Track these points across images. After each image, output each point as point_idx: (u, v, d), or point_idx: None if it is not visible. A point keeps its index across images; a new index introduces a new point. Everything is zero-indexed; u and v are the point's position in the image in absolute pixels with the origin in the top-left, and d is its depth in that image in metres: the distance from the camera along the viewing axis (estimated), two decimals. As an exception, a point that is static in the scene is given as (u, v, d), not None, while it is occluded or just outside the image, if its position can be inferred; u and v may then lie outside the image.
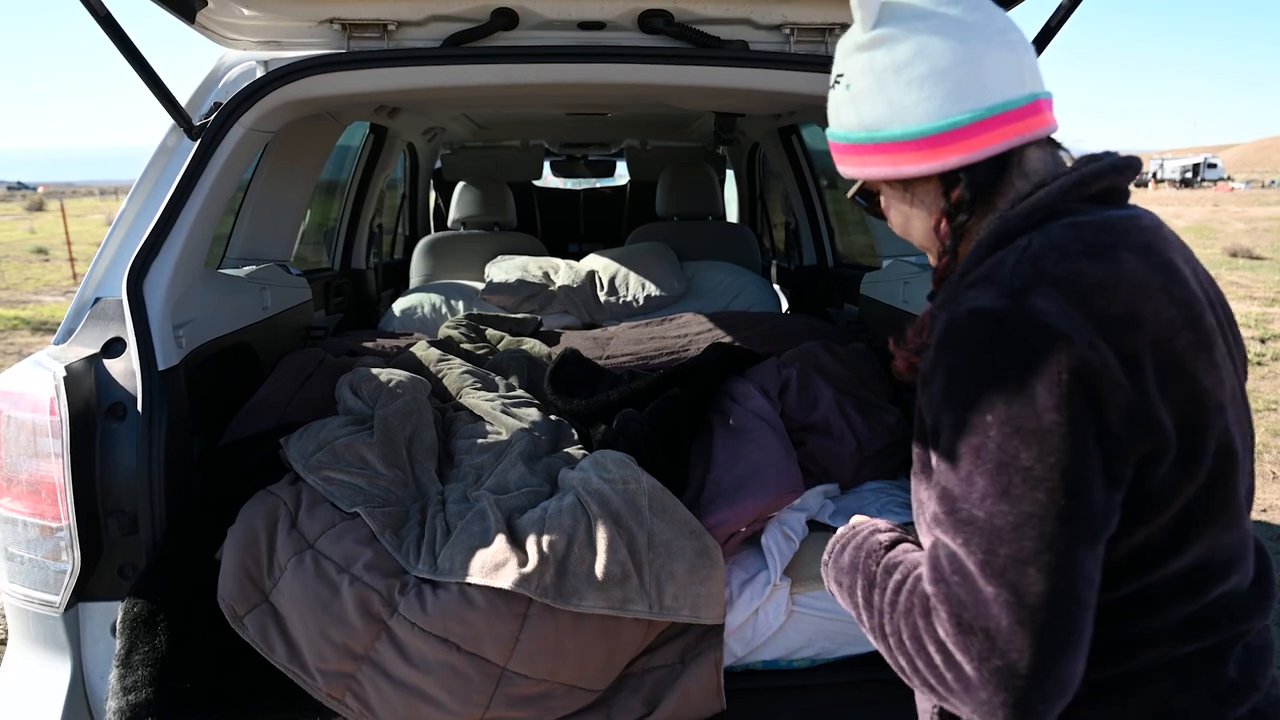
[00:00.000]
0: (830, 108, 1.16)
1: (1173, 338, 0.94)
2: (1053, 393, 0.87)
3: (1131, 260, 0.96)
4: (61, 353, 1.85)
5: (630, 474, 1.83)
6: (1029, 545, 0.86)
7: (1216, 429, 0.95)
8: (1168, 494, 0.93)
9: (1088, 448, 0.87)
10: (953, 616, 0.90)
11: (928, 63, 1.06)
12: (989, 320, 0.91)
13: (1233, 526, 0.99)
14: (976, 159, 1.06)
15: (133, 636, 1.69)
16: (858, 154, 1.13)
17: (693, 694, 1.72)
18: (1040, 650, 0.86)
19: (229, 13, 2.14)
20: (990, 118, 1.05)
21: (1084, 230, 0.98)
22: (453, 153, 5.72)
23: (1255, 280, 13.61)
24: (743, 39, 2.29)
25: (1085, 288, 0.92)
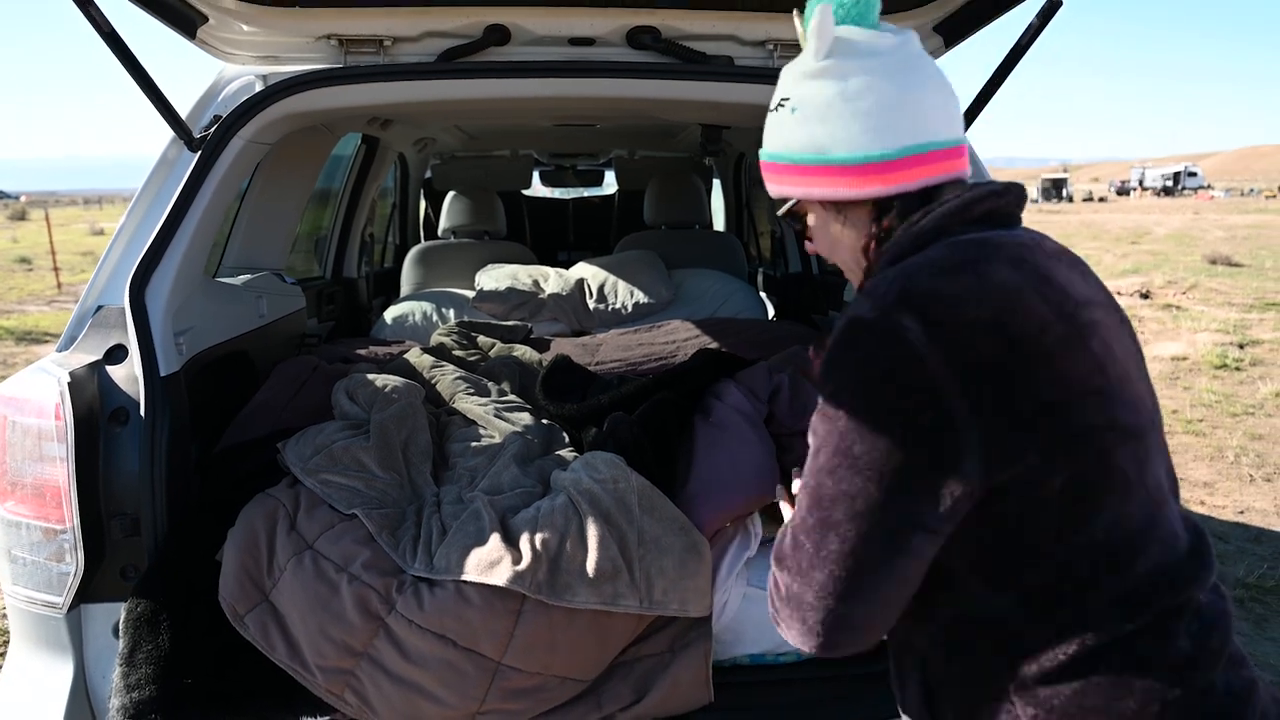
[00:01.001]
0: (770, 129, 1.25)
1: (1042, 333, 1.05)
2: (894, 401, 1.02)
3: (1000, 270, 1.08)
4: (65, 359, 1.89)
5: (620, 473, 1.89)
6: (838, 516, 1.06)
7: (1091, 410, 1.05)
8: (1045, 474, 1.03)
9: (914, 451, 1.02)
10: (777, 550, 1.15)
11: (875, 96, 1.16)
12: (857, 328, 1.07)
13: (1131, 498, 1.07)
14: (910, 189, 1.18)
15: (136, 636, 1.72)
16: (800, 174, 1.22)
17: (681, 683, 1.78)
18: (822, 594, 1.08)
19: (229, 29, 2.20)
20: (927, 153, 1.17)
21: (957, 248, 1.11)
22: (443, 162, 5.77)
23: (1234, 287, 13.78)
24: (728, 54, 2.36)
25: (948, 299, 1.05)
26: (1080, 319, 1.09)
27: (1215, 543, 4.37)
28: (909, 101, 1.17)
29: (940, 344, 1.02)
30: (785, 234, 4.49)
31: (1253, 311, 11.41)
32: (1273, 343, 9.40)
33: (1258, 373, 8.07)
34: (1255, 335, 9.78)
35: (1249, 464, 5.58)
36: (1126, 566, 1.06)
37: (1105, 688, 1.03)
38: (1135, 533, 1.07)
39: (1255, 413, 6.75)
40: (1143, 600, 1.05)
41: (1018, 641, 1.08)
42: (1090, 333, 1.09)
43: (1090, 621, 1.05)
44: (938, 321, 1.03)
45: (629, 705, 1.77)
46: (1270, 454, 5.77)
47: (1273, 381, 7.61)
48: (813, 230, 1.30)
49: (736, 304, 4.11)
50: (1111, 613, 1.05)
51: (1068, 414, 1.04)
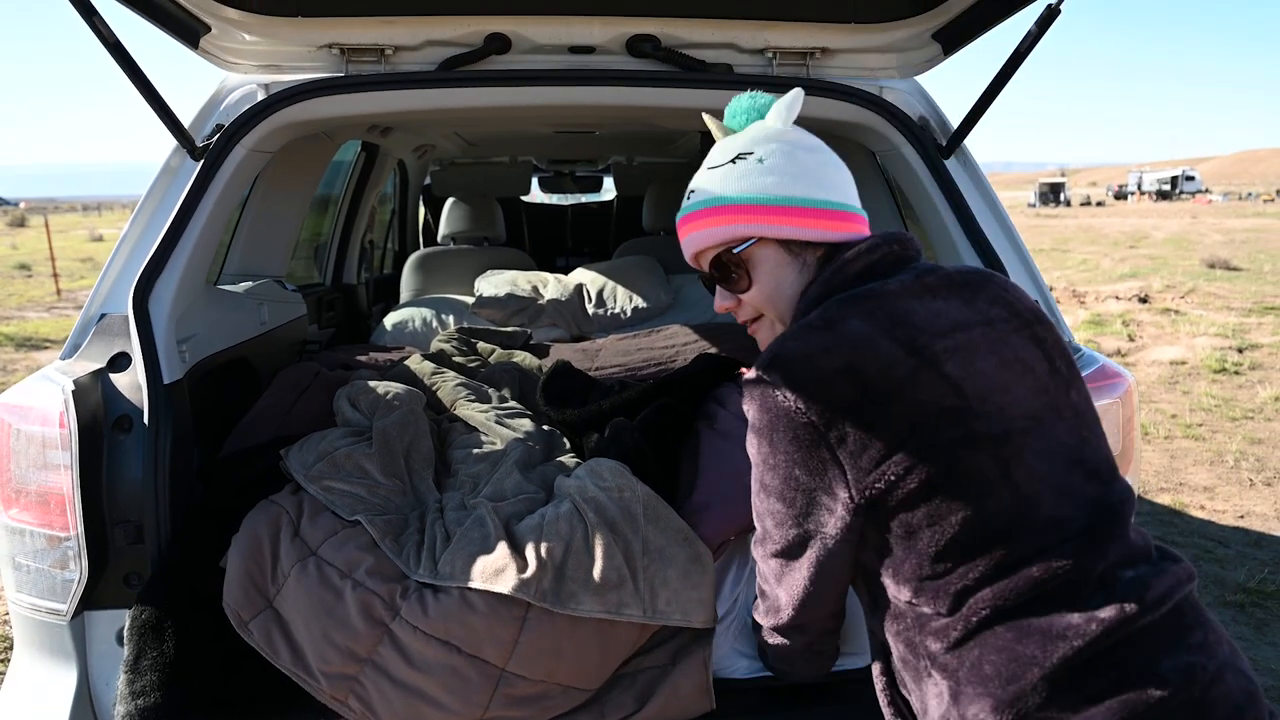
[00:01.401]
0: (727, 178, 1.44)
1: (892, 368, 1.25)
2: (779, 443, 1.29)
3: (853, 323, 1.29)
4: (69, 367, 1.90)
5: (625, 482, 1.89)
6: (767, 524, 1.39)
7: (943, 428, 1.24)
8: (902, 485, 1.23)
9: (802, 479, 1.29)
10: (755, 538, 1.46)
11: (823, 157, 1.46)
12: (747, 387, 1.33)
13: (992, 496, 1.22)
14: (850, 238, 1.43)
15: (141, 643, 1.73)
16: (769, 214, 1.41)
17: (682, 691, 1.78)
18: (775, 578, 1.44)
19: (231, 38, 2.21)
20: (855, 213, 1.46)
21: (827, 309, 1.33)
22: (442, 169, 5.79)
23: (1232, 291, 13.80)
24: (727, 62, 2.37)
25: (809, 354, 1.27)
26: (932, 349, 1.27)
27: (1215, 547, 4.38)
28: (841, 168, 1.47)
29: (802, 396, 1.25)
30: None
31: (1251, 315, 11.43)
32: (1271, 347, 9.41)
33: (1257, 377, 8.08)
34: (1254, 339, 9.80)
35: (1249, 468, 5.59)
36: (995, 553, 1.21)
37: (995, 656, 1.18)
38: (1003, 525, 1.22)
39: (1255, 417, 6.76)
40: (1029, 583, 1.19)
41: (925, 623, 1.26)
42: (944, 359, 1.27)
43: (971, 601, 1.21)
44: (797, 375, 1.26)
45: (631, 714, 1.77)
46: (1270, 458, 5.78)
47: (1272, 386, 7.62)
48: (760, 274, 1.45)
49: (735, 309, 4.11)
50: (989, 593, 1.20)
51: (918, 434, 1.23)
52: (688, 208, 1.50)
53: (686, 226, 1.50)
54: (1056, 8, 1.93)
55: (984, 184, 2.28)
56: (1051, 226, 36.41)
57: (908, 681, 1.32)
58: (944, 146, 2.27)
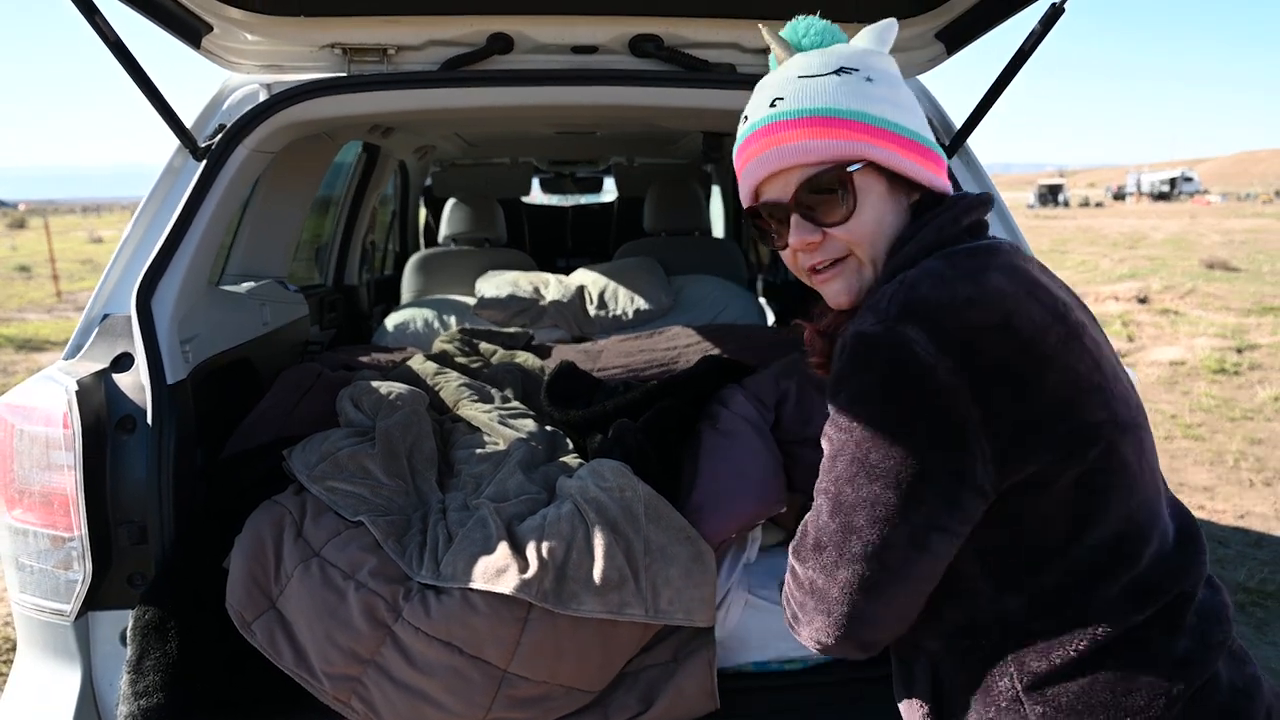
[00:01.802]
0: (827, 89, 1.20)
1: (1045, 334, 1.07)
2: (907, 411, 1.06)
3: (997, 278, 1.11)
4: (72, 367, 1.90)
5: (627, 482, 1.89)
6: (859, 522, 1.09)
7: (1096, 405, 1.08)
8: (1057, 473, 1.06)
9: (930, 457, 1.05)
10: (798, 547, 1.18)
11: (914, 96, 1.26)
12: (866, 343, 1.08)
13: (1136, 490, 1.10)
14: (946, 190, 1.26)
15: (144, 643, 1.73)
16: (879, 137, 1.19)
17: (686, 692, 1.78)
18: (848, 591, 1.11)
19: (233, 38, 2.21)
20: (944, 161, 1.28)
21: (954, 259, 1.14)
22: (443, 170, 5.79)
23: (1231, 291, 13.81)
24: (730, 62, 2.37)
25: (953, 308, 1.07)
26: (1071, 319, 1.12)
27: (1215, 547, 4.38)
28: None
29: (948, 352, 1.04)
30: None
31: (1250, 316, 11.44)
32: (1271, 347, 9.42)
33: (1256, 377, 8.09)
34: (1253, 340, 9.80)
35: (1248, 468, 5.59)
36: (1133, 559, 1.09)
37: (1112, 683, 1.05)
38: (1141, 524, 1.10)
39: (1254, 417, 6.76)
40: (1146, 592, 1.08)
41: (1027, 641, 1.09)
42: (1081, 332, 1.12)
43: (1098, 616, 1.07)
44: (943, 329, 1.05)
45: (635, 716, 1.77)
46: (1269, 458, 5.79)
47: (1271, 386, 7.63)
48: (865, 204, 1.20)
49: (736, 310, 4.12)
50: (1119, 606, 1.07)
51: (1075, 412, 1.07)
52: (780, 114, 1.21)
53: (769, 138, 1.21)
54: (1060, 7, 1.93)
55: (987, 183, 2.28)
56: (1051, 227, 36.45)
57: (966, 705, 1.15)
58: (947, 146, 2.27)
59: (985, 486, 1.06)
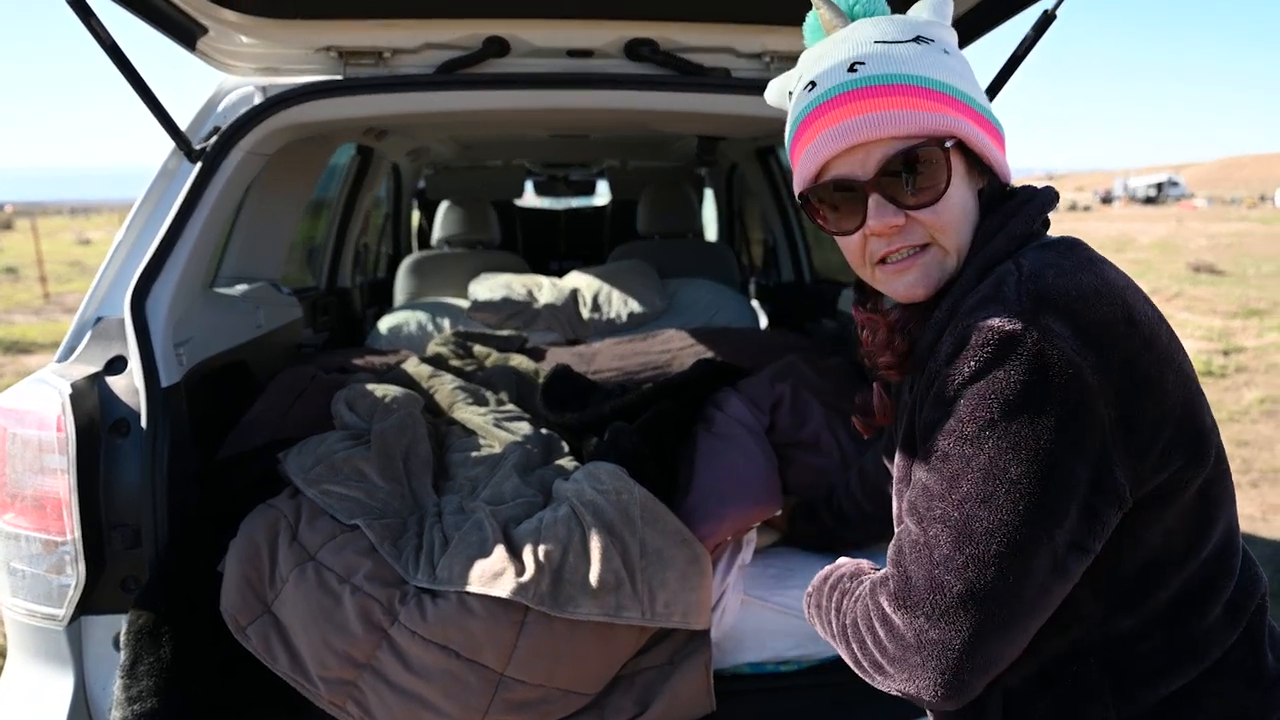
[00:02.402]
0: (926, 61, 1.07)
1: (1158, 331, 0.99)
2: (1054, 415, 0.92)
3: (1107, 269, 1.02)
4: (65, 370, 1.89)
5: (623, 485, 1.89)
6: (995, 549, 0.93)
7: (1204, 409, 1.01)
8: (1187, 479, 0.98)
9: (1074, 467, 0.93)
10: (900, 594, 1.00)
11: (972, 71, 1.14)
12: (1001, 339, 0.94)
13: (1233, 501, 1.05)
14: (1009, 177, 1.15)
15: (138, 648, 1.72)
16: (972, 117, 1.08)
17: (682, 694, 1.78)
18: (973, 637, 0.95)
19: (228, 40, 2.20)
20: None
21: (1059, 250, 1.04)
22: (436, 172, 5.78)
23: (1217, 294, 13.90)
24: (725, 66, 2.38)
25: (1086, 300, 0.96)
26: (1166, 321, 1.03)
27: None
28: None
29: (1091, 346, 0.93)
30: (777, 243, 4.52)
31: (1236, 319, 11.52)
32: (1257, 349, 9.49)
33: (1242, 379, 8.15)
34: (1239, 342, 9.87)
35: (1235, 470, 5.62)
36: (1231, 571, 1.03)
37: (1218, 710, 1.00)
38: (1234, 534, 1.04)
39: (1240, 419, 6.80)
40: (1238, 606, 1.03)
41: (1132, 667, 1.01)
42: (1174, 332, 1.04)
43: (1206, 638, 1.00)
44: (1085, 323, 0.94)
45: (632, 718, 1.77)
46: (1256, 460, 5.82)
47: (1257, 388, 7.68)
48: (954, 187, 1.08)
49: (729, 313, 4.13)
50: (1223, 625, 1.01)
51: (1194, 413, 0.99)
52: (865, 79, 1.05)
53: (864, 103, 1.05)
54: (1052, 13, 1.94)
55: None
56: (1039, 231, 36.51)
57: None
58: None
59: (1125, 495, 0.96)
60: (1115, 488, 0.95)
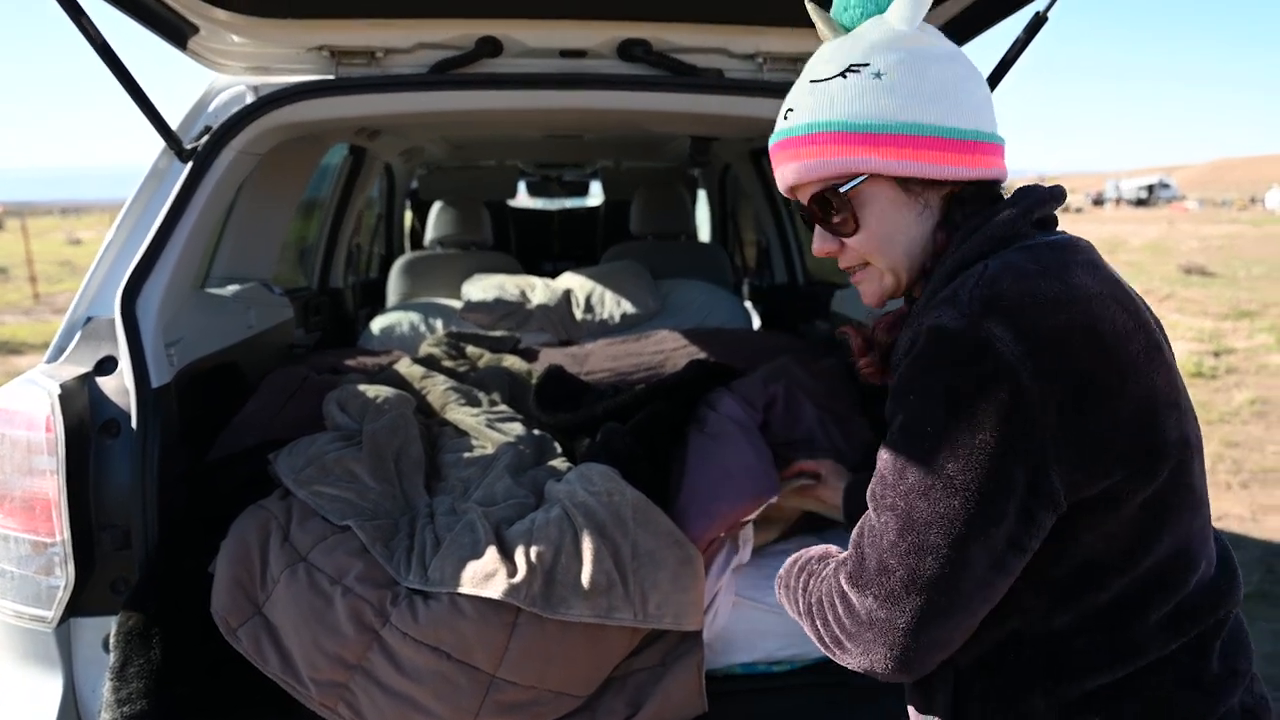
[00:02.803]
0: (841, 97, 1.12)
1: (1128, 343, 1.01)
2: (989, 416, 0.96)
3: (1082, 275, 1.04)
4: (55, 371, 1.88)
5: (615, 486, 1.89)
6: (934, 540, 0.99)
7: (1172, 422, 1.03)
8: (1129, 491, 1.00)
9: (1010, 469, 0.97)
10: (855, 574, 1.07)
11: (959, 71, 1.13)
12: (945, 339, 1.00)
13: (1198, 512, 1.07)
14: (986, 177, 1.14)
15: (127, 649, 1.71)
16: (885, 144, 1.11)
17: (674, 696, 1.78)
18: (917, 619, 1.01)
19: (220, 39, 2.19)
20: (995, 143, 1.15)
21: (1036, 253, 1.06)
22: (429, 173, 5.77)
23: (1208, 296, 13.97)
24: (718, 67, 2.38)
25: (1040, 306, 0.99)
26: (1150, 327, 1.05)
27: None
28: (980, 86, 1.15)
29: (1033, 354, 0.97)
30: (770, 244, 4.52)
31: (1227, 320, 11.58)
32: (1247, 351, 9.53)
33: (1233, 380, 8.18)
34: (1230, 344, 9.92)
35: (1225, 471, 5.64)
36: (1182, 583, 1.05)
37: (1149, 709, 1.03)
38: (1194, 549, 1.07)
39: (1231, 420, 6.83)
40: (1189, 615, 1.05)
41: (1069, 661, 1.05)
42: (1160, 342, 1.06)
43: (1145, 640, 1.03)
44: (1030, 329, 0.97)
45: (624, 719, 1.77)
46: (1246, 460, 5.85)
47: (1248, 389, 7.72)
48: (870, 217, 1.15)
49: (722, 314, 4.13)
50: (1164, 630, 1.04)
51: (1153, 428, 1.01)
52: (783, 131, 1.18)
53: (780, 154, 1.19)
54: (1043, 15, 1.95)
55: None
56: (1031, 232, 36.62)
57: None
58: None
59: (1059, 500, 0.99)
60: (1050, 492, 0.98)
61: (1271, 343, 9.93)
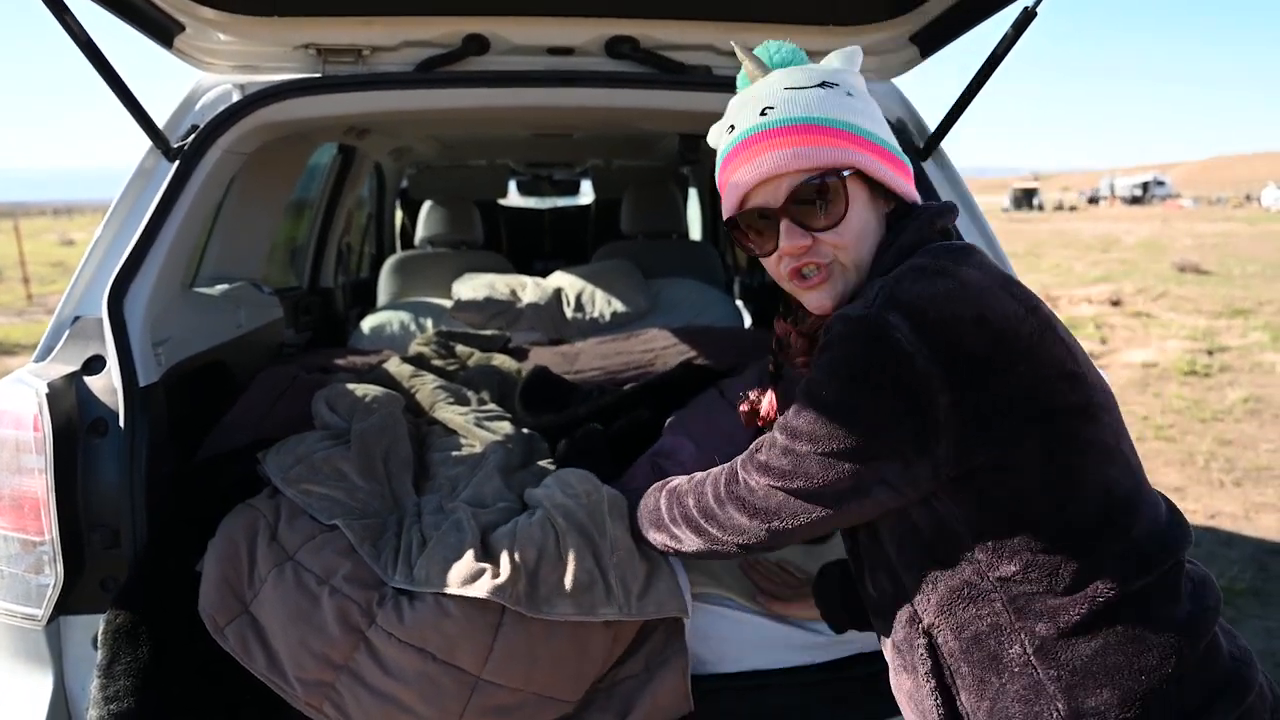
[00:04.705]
0: (819, 100, 1.28)
1: (1018, 326, 1.16)
2: (878, 391, 1.14)
3: (973, 273, 1.19)
4: (42, 370, 1.88)
5: (592, 487, 1.90)
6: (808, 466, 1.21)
7: (1066, 390, 1.16)
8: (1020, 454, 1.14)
9: (892, 434, 1.15)
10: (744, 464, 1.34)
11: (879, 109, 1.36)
12: (849, 324, 1.17)
13: (1115, 464, 1.18)
14: (913, 199, 1.36)
15: (115, 647, 1.71)
16: (863, 147, 1.27)
17: (661, 699, 1.79)
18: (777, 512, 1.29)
19: (206, 38, 2.19)
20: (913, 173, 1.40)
21: (932, 255, 1.22)
22: (419, 172, 5.77)
23: (1202, 294, 14.00)
24: (706, 64, 2.38)
25: (933, 299, 1.14)
26: (1042, 312, 1.20)
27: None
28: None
29: (926, 340, 1.12)
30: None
31: (1221, 319, 11.60)
32: (1241, 349, 9.55)
33: (1226, 379, 8.20)
34: (1224, 342, 9.94)
35: (1219, 469, 5.66)
36: (1125, 527, 1.15)
37: (1123, 644, 1.10)
38: (1124, 497, 1.17)
39: (1224, 418, 6.85)
40: (1142, 559, 1.14)
41: (1031, 606, 1.14)
42: (1053, 323, 1.20)
43: (1098, 577, 1.12)
44: (924, 319, 1.13)
45: None
46: (1239, 459, 5.87)
47: (1241, 387, 7.74)
48: (849, 210, 1.26)
49: (714, 313, 4.13)
50: (1115, 572, 1.12)
51: (1038, 401, 1.14)
52: (773, 122, 1.26)
53: (762, 144, 1.26)
54: (1032, 10, 1.95)
55: (961, 186, 2.30)
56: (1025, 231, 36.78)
57: (962, 677, 1.19)
58: (921, 149, 2.29)
59: (940, 464, 1.15)
60: (931, 455, 1.14)
61: (1265, 341, 9.95)
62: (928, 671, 1.22)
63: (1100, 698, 1.09)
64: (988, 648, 1.16)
